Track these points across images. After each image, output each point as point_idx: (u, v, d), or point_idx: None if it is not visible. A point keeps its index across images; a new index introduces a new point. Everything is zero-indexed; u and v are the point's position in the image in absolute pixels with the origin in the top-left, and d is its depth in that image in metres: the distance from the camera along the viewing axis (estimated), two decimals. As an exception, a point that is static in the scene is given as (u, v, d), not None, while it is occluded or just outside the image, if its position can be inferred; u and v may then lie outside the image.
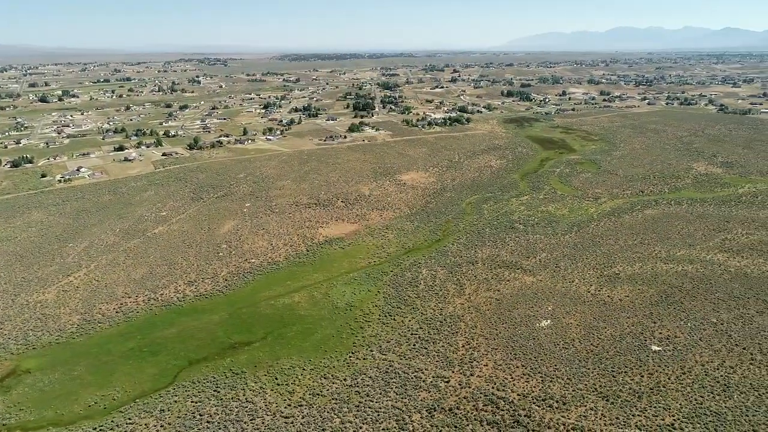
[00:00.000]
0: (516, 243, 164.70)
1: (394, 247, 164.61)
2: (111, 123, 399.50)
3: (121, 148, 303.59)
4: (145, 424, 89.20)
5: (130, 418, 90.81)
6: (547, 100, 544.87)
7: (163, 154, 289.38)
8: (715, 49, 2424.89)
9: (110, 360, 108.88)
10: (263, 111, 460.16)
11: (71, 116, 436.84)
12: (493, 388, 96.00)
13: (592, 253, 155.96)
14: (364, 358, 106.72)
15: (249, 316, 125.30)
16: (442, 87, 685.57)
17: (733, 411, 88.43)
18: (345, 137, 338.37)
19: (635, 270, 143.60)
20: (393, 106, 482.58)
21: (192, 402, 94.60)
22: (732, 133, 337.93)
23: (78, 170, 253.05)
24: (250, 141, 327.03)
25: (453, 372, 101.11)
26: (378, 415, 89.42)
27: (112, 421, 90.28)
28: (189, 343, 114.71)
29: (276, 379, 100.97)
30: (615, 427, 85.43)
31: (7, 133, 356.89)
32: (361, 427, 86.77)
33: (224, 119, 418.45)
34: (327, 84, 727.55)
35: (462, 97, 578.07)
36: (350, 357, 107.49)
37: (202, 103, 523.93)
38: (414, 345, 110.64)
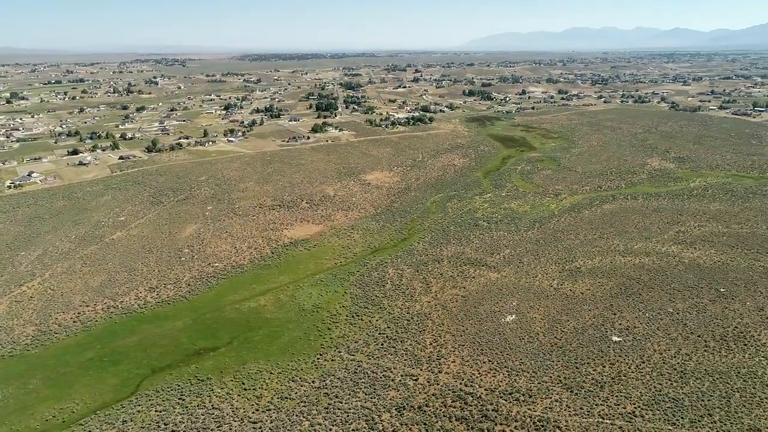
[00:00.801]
0: (480, 240, 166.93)
1: (360, 247, 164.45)
2: (64, 126, 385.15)
3: (75, 152, 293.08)
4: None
5: (90, 431, 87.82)
6: (507, 99, 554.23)
7: (120, 158, 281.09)
8: (666, 48, 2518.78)
9: (68, 371, 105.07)
10: (224, 112, 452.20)
11: (21, 119, 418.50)
12: (461, 384, 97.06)
13: (553, 248, 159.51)
14: (332, 360, 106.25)
15: (214, 321, 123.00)
16: (404, 87, 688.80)
17: (690, 397, 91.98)
18: (308, 138, 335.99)
19: (595, 263, 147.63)
20: (356, 106, 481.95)
21: (156, 411, 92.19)
22: (683, 129, 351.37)
23: (29, 175, 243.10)
24: (210, 143, 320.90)
25: (421, 370, 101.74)
26: (347, 416, 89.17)
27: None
28: (151, 350, 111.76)
29: (243, 384, 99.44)
30: (579, 417, 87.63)
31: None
32: (330, 429, 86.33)
33: (184, 121, 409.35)
34: (289, 84, 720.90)
35: (424, 96, 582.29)
36: (318, 359, 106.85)
37: (160, 104, 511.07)
38: (382, 344, 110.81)
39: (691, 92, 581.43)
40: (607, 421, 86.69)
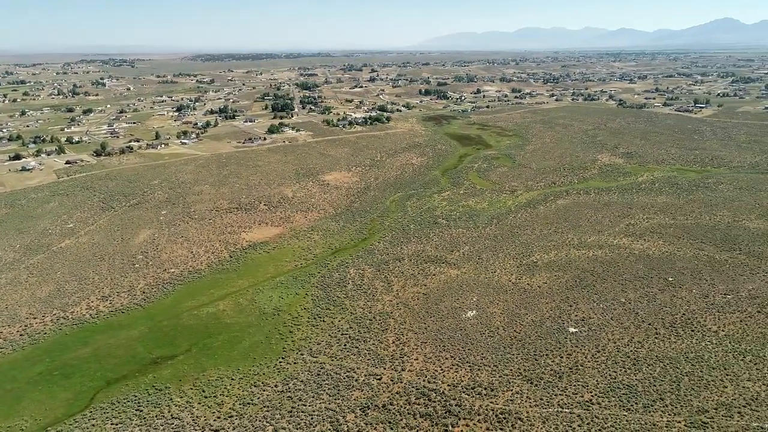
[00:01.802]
0: (440, 238, 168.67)
1: (320, 249, 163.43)
2: (4, 130, 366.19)
3: (17, 157, 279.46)
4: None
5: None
6: (463, 98, 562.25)
7: (67, 162, 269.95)
8: (613, 48, 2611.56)
9: (16, 387, 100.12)
10: (176, 114, 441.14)
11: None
12: (424, 381, 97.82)
13: (511, 243, 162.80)
14: (294, 363, 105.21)
15: (171, 329, 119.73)
16: (361, 86, 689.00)
17: (643, 383, 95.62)
18: (265, 139, 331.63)
19: (551, 257, 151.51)
20: (313, 107, 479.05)
21: (112, 424, 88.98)
22: (630, 125, 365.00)
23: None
24: (163, 145, 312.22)
25: (385, 369, 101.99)
26: (312, 418, 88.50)
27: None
28: (106, 362, 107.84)
29: (203, 391, 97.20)
30: (539, 408, 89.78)
31: None
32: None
33: (134, 123, 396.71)
34: (243, 85, 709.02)
35: (381, 96, 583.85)
36: (280, 362, 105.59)
37: (109, 106, 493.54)
38: (345, 345, 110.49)
39: (637, 90, 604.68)
40: (566, 410, 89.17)
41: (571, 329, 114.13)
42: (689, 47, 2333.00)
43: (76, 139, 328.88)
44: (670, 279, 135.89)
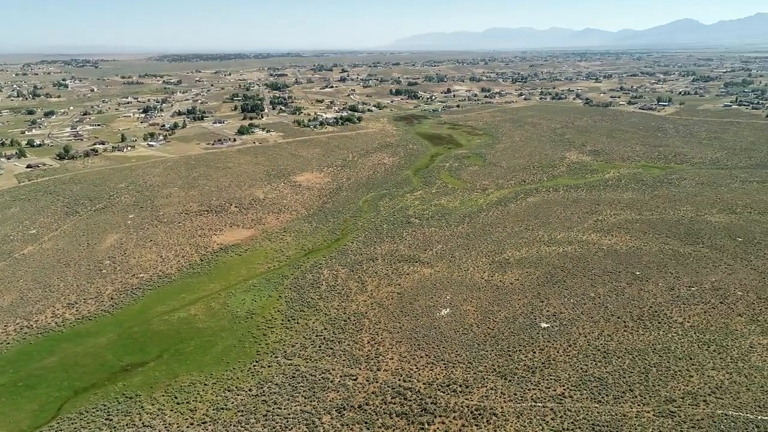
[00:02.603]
0: (413, 237, 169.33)
1: (293, 250, 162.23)
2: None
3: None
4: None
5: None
6: (433, 97, 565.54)
7: (28, 166, 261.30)
8: (579, 47, 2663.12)
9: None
10: (143, 115, 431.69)
11: None
12: (399, 380, 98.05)
13: (483, 241, 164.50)
14: (269, 366, 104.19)
15: (141, 335, 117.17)
16: (331, 87, 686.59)
17: (613, 375, 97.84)
18: (234, 140, 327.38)
19: (522, 254, 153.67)
20: (283, 107, 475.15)
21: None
22: (597, 124, 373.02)
23: None
24: (129, 148, 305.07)
25: (360, 369, 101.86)
26: (287, 421, 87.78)
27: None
28: (73, 371, 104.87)
29: (175, 398, 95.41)
30: (513, 403, 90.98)
31: None
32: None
33: (98, 125, 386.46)
34: (212, 85, 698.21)
35: (352, 96, 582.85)
36: (254, 366, 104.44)
37: (72, 108, 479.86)
38: (320, 346, 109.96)
39: (602, 89, 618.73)
40: (540, 404, 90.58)
41: (543, 325, 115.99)
42: (652, 47, 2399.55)
43: (38, 143, 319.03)
44: (638, 273, 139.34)
